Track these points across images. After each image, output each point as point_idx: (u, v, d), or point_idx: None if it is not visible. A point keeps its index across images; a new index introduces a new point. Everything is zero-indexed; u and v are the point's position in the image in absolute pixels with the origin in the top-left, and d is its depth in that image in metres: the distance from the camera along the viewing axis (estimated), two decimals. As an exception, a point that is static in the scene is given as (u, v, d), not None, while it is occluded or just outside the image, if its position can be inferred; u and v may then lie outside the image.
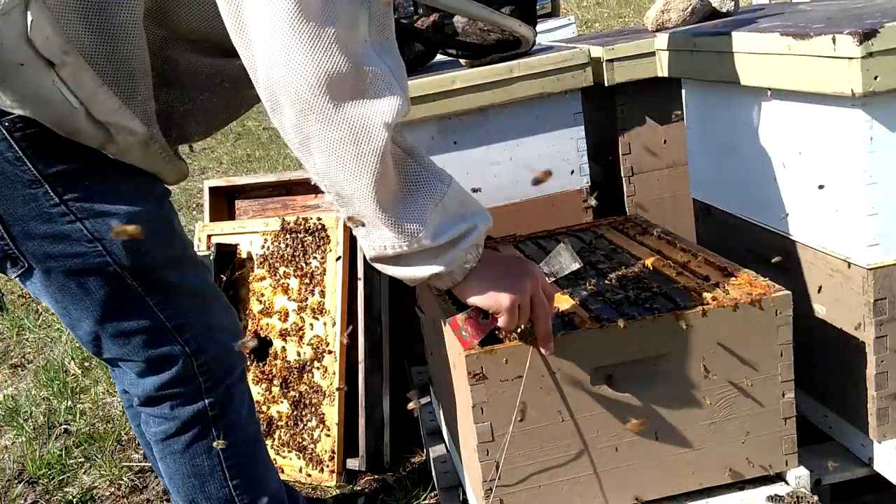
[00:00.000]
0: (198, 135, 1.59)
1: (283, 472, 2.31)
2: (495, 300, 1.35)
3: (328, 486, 2.25)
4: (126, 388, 1.60)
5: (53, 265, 1.41)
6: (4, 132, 1.31)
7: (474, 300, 1.37)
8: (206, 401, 1.55)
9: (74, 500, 2.43)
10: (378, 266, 1.35)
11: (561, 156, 2.36)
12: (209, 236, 2.56)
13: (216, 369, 1.55)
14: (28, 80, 1.26)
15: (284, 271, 2.36)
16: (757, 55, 1.74)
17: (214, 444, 1.57)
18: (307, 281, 2.32)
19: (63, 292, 1.43)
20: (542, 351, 1.45)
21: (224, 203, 2.73)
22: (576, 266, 1.51)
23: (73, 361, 3.38)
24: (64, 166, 1.36)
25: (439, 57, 2.65)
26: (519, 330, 1.45)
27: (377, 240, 1.29)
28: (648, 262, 1.82)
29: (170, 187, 1.57)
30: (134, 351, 1.49)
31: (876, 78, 1.48)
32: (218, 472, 1.59)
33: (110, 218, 1.39)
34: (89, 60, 1.30)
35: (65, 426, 2.85)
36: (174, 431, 1.56)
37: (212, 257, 2.41)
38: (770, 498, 1.57)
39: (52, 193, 1.36)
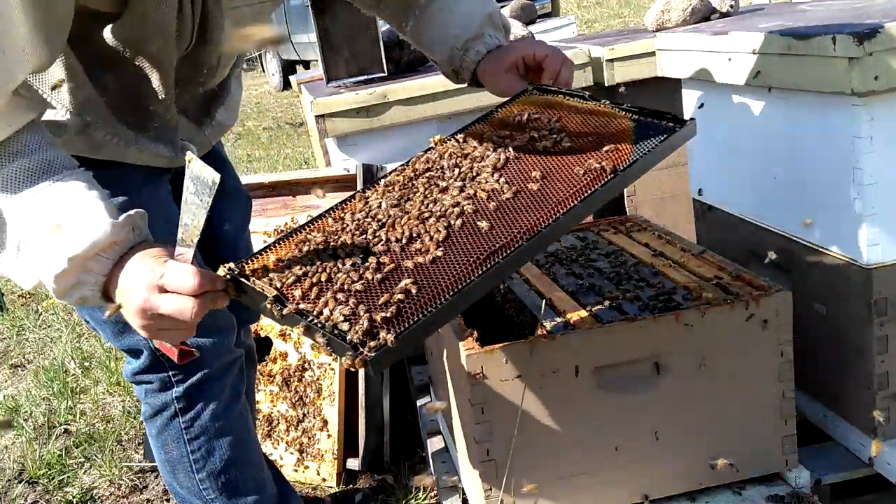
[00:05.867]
0: (181, 108, 1.47)
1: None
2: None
3: (328, 486, 2.25)
4: None
5: None
6: None
7: None
8: (174, 393, 1.57)
9: (74, 500, 2.43)
10: None
11: (561, 156, 2.35)
12: (209, 236, 2.55)
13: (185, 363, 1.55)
14: None
15: (284, 271, 2.36)
16: (757, 55, 1.74)
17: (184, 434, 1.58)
18: (307, 281, 2.31)
19: None
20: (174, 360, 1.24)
21: (224, 203, 2.72)
22: (210, 180, 1.02)
23: (73, 361, 3.37)
24: None
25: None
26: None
27: None
28: (648, 261, 1.83)
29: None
30: (112, 339, 1.53)
31: (876, 78, 1.48)
32: (185, 462, 1.61)
33: None
34: None
35: (65, 426, 2.85)
36: (149, 415, 1.60)
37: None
38: (770, 498, 1.57)
39: None
